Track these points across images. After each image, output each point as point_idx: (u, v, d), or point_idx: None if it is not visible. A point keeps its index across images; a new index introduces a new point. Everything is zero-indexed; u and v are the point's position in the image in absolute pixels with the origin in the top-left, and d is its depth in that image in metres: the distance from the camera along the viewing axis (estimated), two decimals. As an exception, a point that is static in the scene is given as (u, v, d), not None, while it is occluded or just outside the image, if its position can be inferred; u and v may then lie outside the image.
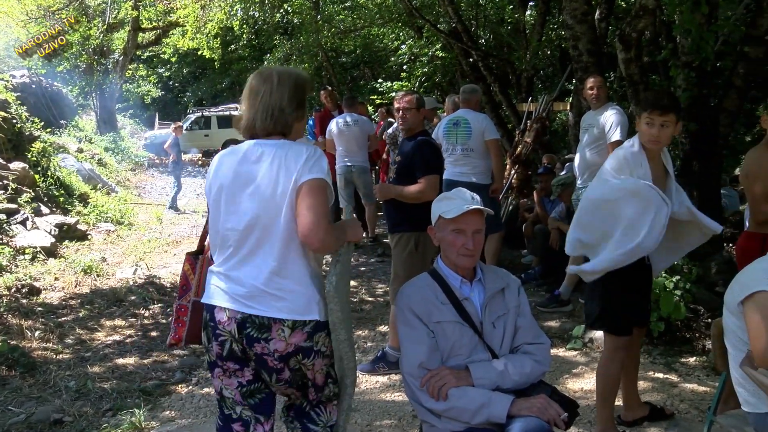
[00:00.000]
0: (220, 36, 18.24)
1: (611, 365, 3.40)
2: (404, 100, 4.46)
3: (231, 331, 2.30)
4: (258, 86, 2.41)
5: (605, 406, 3.44)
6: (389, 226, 4.59)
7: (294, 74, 2.47)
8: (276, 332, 2.27)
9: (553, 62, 15.91)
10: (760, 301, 2.48)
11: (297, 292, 2.31)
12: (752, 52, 5.64)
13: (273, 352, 2.29)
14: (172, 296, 6.80)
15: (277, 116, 2.37)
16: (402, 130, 4.59)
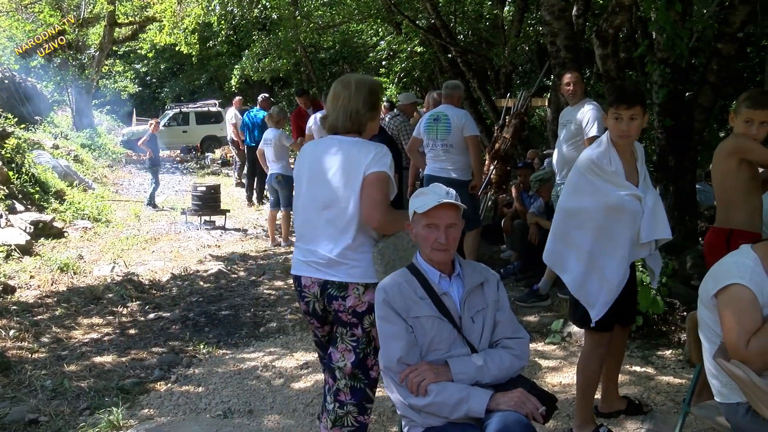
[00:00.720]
0: (197, 31, 18.09)
1: (591, 361, 3.43)
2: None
3: (314, 293, 2.93)
4: (339, 92, 2.95)
5: (584, 400, 3.46)
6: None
7: (368, 82, 3.02)
8: (351, 291, 2.85)
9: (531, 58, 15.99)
10: (733, 294, 2.51)
11: (366, 261, 2.87)
12: (725, 48, 5.71)
13: (348, 308, 2.85)
14: (150, 293, 6.75)
15: (354, 117, 2.92)
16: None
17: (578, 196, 3.30)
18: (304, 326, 5.65)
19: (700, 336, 2.77)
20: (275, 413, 4.04)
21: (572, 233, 3.31)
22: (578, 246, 3.28)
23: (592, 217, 3.23)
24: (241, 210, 11.77)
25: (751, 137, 3.40)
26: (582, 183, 3.29)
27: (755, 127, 3.39)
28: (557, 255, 3.40)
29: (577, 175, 3.33)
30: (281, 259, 8.11)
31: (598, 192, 3.22)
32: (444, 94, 6.43)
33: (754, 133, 3.39)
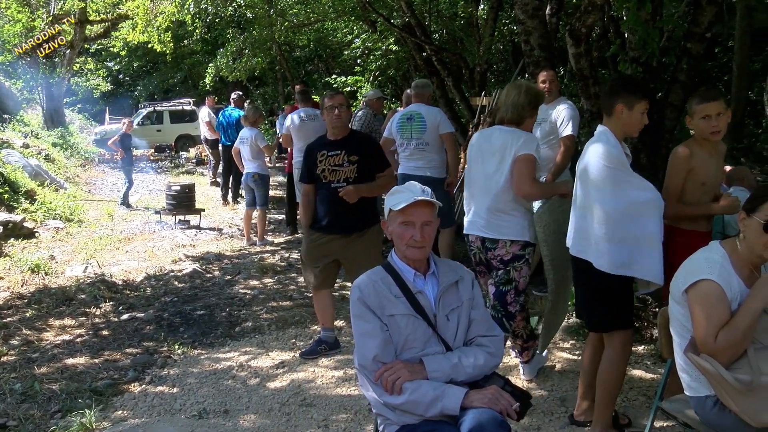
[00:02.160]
0: (171, 29, 17.91)
1: (620, 364, 3.37)
2: (337, 98, 4.62)
3: (478, 246, 4.01)
4: (510, 92, 3.88)
5: (607, 407, 3.39)
6: (360, 224, 4.63)
7: (534, 89, 3.96)
8: (501, 245, 3.87)
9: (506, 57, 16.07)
10: (703, 290, 2.55)
11: (514, 222, 3.84)
12: (694, 48, 5.78)
13: (497, 256, 3.89)
14: (124, 294, 6.68)
15: (518, 112, 3.83)
16: (338, 127, 4.59)
17: (625, 192, 3.23)
18: (280, 325, 5.63)
19: (671, 331, 2.80)
20: (251, 413, 4.02)
21: (632, 229, 3.21)
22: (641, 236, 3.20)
23: (654, 204, 3.23)
24: (216, 209, 11.68)
25: (712, 130, 3.45)
26: (619, 178, 3.24)
27: (714, 120, 3.45)
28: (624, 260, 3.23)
29: (609, 172, 3.24)
30: (256, 259, 8.07)
31: (637, 181, 3.25)
32: (414, 93, 6.44)
33: (714, 125, 3.45)
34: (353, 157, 4.57)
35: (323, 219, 4.69)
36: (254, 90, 30.09)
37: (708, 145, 3.54)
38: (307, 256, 4.82)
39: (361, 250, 4.67)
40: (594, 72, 6.35)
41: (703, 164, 3.52)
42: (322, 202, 4.68)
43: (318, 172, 4.61)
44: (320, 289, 4.87)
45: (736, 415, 2.45)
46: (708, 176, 3.54)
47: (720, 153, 3.63)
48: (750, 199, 2.63)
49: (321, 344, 4.91)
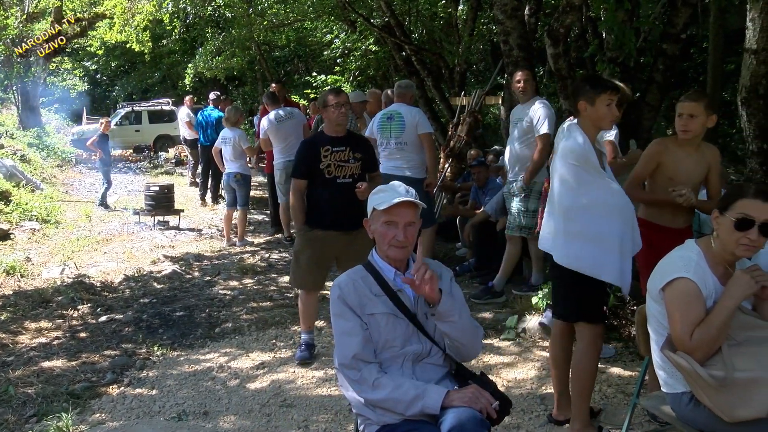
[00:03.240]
0: (149, 29, 17.76)
1: (592, 355, 3.39)
2: (343, 96, 4.65)
3: None
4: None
5: (582, 401, 3.40)
6: (361, 221, 4.62)
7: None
8: None
9: (485, 57, 16.15)
10: (679, 288, 2.58)
11: None
12: (670, 49, 5.86)
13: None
14: (102, 295, 6.62)
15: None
16: (342, 124, 4.64)
17: (586, 191, 3.28)
18: (260, 326, 5.61)
19: (648, 329, 2.83)
20: (231, 414, 4.00)
21: (591, 228, 3.26)
22: (598, 236, 3.24)
23: (615, 206, 3.27)
24: (195, 210, 11.61)
25: (680, 128, 3.56)
26: (582, 176, 3.29)
27: (684, 119, 3.54)
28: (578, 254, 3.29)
29: (573, 169, 3.30)
30: (236, 259, 8.03)
31: (601, 181, 3.28)
32: (396, 93, 6.45)
33: (683, 123, 3.55)
34: (357, 154, 4.62)
35: (326, 216, 4.59)
36: (233, 89, 29.92)
37: (687, 144, 3.60)
38: (307, 256, 4.67)
39: (362, 248, 4.63)
40: (572, 72, 6.40)
41: (675, 161, 3.59)
42: (325, 199, 4.58)
43: (322, 167, 4.53)
44: (313, 291, 4.82)
45: (711, 411, 2.49)
46: (677, 173, 3.61)
47: (704, 155, 3.68)
48: (722, 198, 2.68)
49: (311, 347, 4.83)
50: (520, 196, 5.65)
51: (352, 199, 4.52)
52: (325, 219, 4.59)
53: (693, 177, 3.67)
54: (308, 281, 4.76)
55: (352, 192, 4.52)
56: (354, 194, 4.51)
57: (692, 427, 2.66)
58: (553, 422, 3.68)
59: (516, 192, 5.69)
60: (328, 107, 4.56)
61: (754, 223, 2.51)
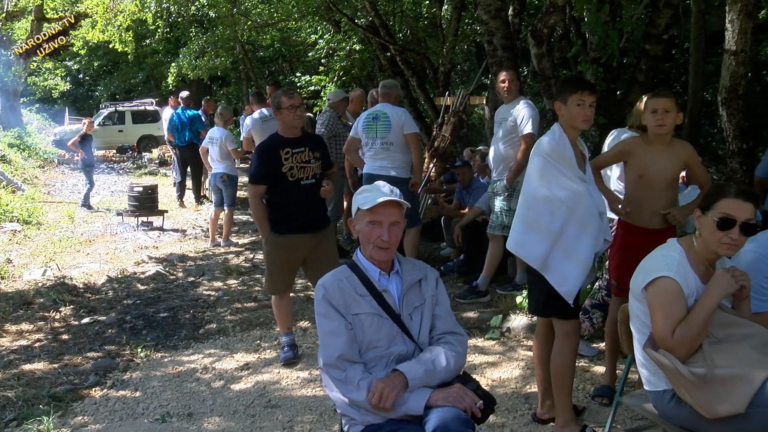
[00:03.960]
0: (132, 29, 17.63)
1: (566, 351, 3.40)
2: (297, 97, 4.59)
3: None
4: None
5: (563, 396, 3.42)
6: (326, 220, 4.69)
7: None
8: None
9: (469, 57, 16.21)
10: (661, 287, 2.61)
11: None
12: (652, 49, 5.91)
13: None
14: (85, 297, 6.56)
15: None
16: (298, 126, 4.61)
17: (547, 184, 3.34)
18: (245, 327, 5.59)
19: (631, 328, 2.85)
20: (215, 415, 3.98)
21: (543, 219, 3.32)
22: (548, 230, 3.30)
23: (567, 205, 3.29)
24: (179, 210, 11.54)
25: (657, 123, 3.58)
26: (548, 169, 3.34)
27: (660, 114, 3.57)
28: (524, 241, 3.42)
29: (541, 161, 3.37)
30: (221, 260, 8.00)
31: (564, 179, 3.31)
32: (381, 93, 6.43)
33: (659, 118, 3.57)
34: (316, 153, 4.57)
35: (294, 220, 4.51)
36: (218, 90, 29.81)
37: (659, 142, 3.63)
38: (280, 262, 4.63)
39: (328, 248, 4.66)
40: (556, 72, 6.45)
41: (644, 158, 3.63)
42: (291, 203, 4.51)
43: (284, 170, 4.46)
44: (286, 293, 4.82)
45: (692, 408, 2.51)
46: (646, 170, 3.64)
47: (677, 152, 3.71)
48: (704, 198, 2.71)
49: (294, 347, 4.81)
50: (503, 195, 5.66)
51: (317, 200, 4.52)
52: (294, 223, 4.51)
53: (664, 174, 3.68)
54: (280, 287, 4.74)
55: (317, 192, 4.51)
56: (318, 194, 4.51)
57: (674, 424, 2.68)
58: (538, 421, 3.69)
59: (499, 191, 5.71)
60: (283, 109, 4.48)
61: (735, 222, 2.54)
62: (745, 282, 2.57)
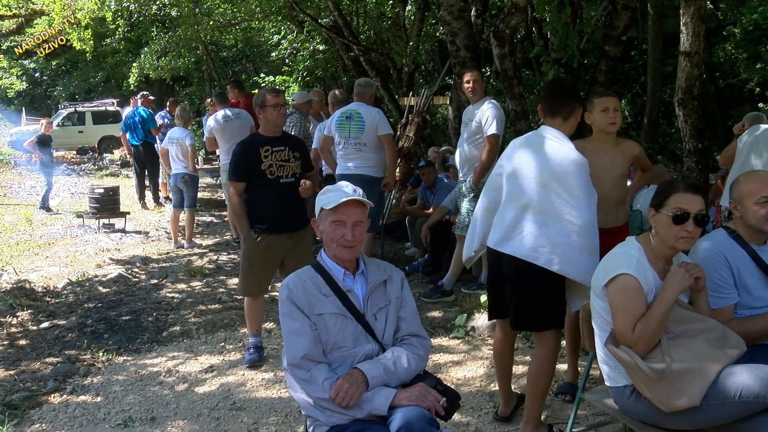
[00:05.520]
0: (91, 27, 17.29)
1: (555, 360, 3.40)
2: (282, 96, 4.59)
3: None
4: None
5: (539, 405, 3.38)
6: (305, 220, 4.61)
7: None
8: None
9: (433, 57, 16.27)
10: (621, 284, 2.66)
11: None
12: (611, 50, 6.01)
13: None
14: (44, 301, 6.43)
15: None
16: (281, 125, 4.62)
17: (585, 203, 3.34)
18: (209, 329, 5.53)
19: (593, 325, 2.90)
20: (179, 419, 3.94)
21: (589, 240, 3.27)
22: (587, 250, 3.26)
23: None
24: (142, 212, 11.38)
25: (609, 121, 3.68)
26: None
27: (611, 113, 3.68)
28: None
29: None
30: (184, 261, 7.91)
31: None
32: (356, 92, 6.36)
33: (611, 116, 3.68)
34: (296, 153, 4.57)
35: (272, 219, 4.49)
36: (180, 90, 29.44)
37: (606, 141, 3.72)
38: (258, 262, 4.58)
39: (306, 248, 4.65)
40: (518, 72, 6.52)
41: (592, 158, 3.69)
42: (270, 201, 4.48)
43: (264, 168, 4.44)
44: (260, 294, 4.78)
45: (650, 402, 2.56)
46: (595, 170, 3.69)
47: (623, 149, 3.80)
48: (655, 195, 2.75)
49: (260, 349, 4.79)
50: (469, 197, 5.70)
51: (296, 199, 4.50)
52: (272, 222, 4.49)
53: (612, 171, 3.76)
54: (256, 289, 4.71)
55: (296, 191, 4.49)
56: (297, 194, 4.49)
57: (633, 419, 2.74)
58: (500, 420, 3.73)
59: (465, 192, 5.75)
60: (267, 107, 4.46)
61: (689, 215, 2.60)
62: (699, 274, 2.64)
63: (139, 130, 11.07)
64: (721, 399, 2.45)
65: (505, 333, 3.60)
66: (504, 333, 3.61)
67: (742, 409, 2.43)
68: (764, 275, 2.81)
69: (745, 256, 2.83)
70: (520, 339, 4.78)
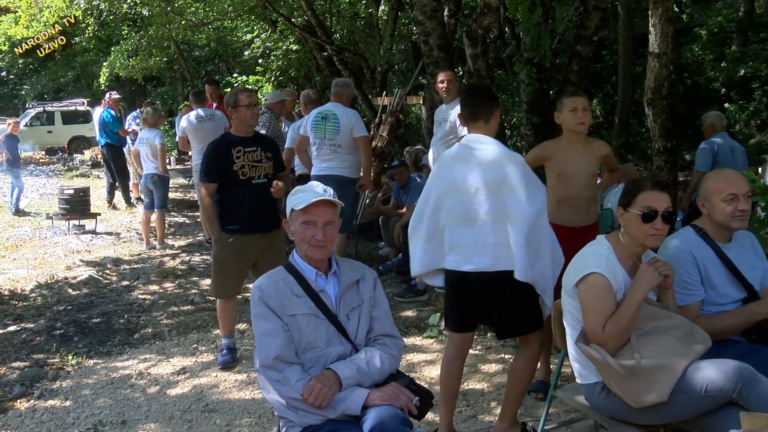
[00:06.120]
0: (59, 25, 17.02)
1: (531, 360, 3.37)
2: (254, 96, 4.57)
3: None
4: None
5: (517, 404, 3.39)
6: (278, 221, 4.58)
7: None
8: None
9: (406, 57, 16.30)
10: (591, 282, 2.68)
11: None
12: (583, 50, 6.07)
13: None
14: (11, 304, 6.31)
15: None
16: (253, 125, 4.59)
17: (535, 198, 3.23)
18: (181, 330, 5.48)
19: (564, 323, 2.92)
20: (151, 422, 3.89)
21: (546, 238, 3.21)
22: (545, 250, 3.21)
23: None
24: (112, 213, 11.23)
25: (578, 121, 3.73)
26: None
27: (580, 112, 3.72)
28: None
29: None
30: (156, 263, 7.82)
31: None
32: (333, 92, 6.30)
33: (580, 116, 3.72)
34: (269, 153, 4.55)
35: (245, 219, 4.46)
36: (152, 90, 29.13)
37: (575, 141, 3.76)
38: (230, 264, 4.55)
39: (279, 249, 4.62)
40: (491, 72, 6.56)
41: (562, 157, 3.76)
42: (241, 201, 4.44)
43: (236, 168, 4.41)
44: (233, 296, 4.75)
45: (620, 398, 2.59)
46: (565, 169, 3.78)
47: (592, 149, 3.84)
48: (623, 194, 2.78)
49: (233, 350, 4.76)
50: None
51: (269, 199, 4.48)
52: (245, 223, 4.46)
53: (582, 171, 3.81)
54: (229, 290, 4.68)
55: (268, 192, 4.46)
56: (270, 194, 4.47)
57: (604, 415, 2.77)
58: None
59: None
60: (240, 107, 4.44)
61: (657, 213, 2.63)
62: (667, 272, 2.67)
63: (105, 131, 10.95)
64: (687, 394, 2.49)
65: (460, 348, 3.46)
66: (458, 349, 3.46)
67: (708, 403, 2.47)
68: (729, 272, 2.86)
69: (711, 253, 2.87)
70: (491, 338, 4.81)
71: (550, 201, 3.77)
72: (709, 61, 14.31)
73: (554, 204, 3.80)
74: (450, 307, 3.45)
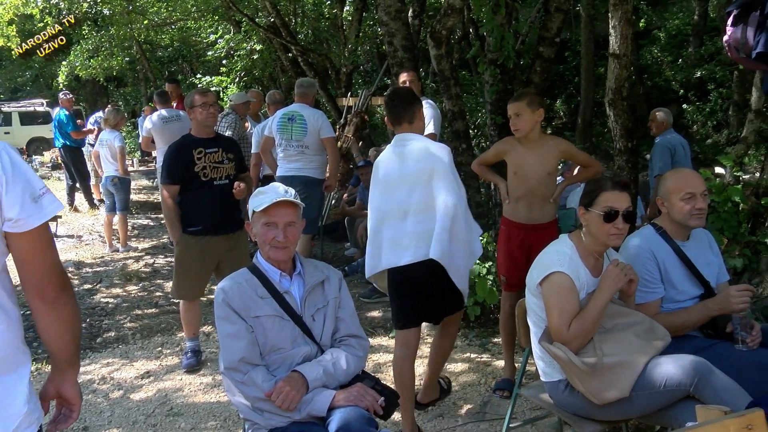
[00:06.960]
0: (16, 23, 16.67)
1: (453, 335, 3.69)
2: (211, 96, 4.55)
3: None
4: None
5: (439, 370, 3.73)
6: (240, 222, 4.60)
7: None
8: None
9: (371, 58, 16.32)
10: (554, 282, 2.71)
11: None
12: (546, 52, 6.14)
13: None
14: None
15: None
16: (211, 126, 4.58)
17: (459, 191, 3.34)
18: (145, 334, 5.41)
19: (528, 322, 2.96)
20: (114, 427, 3.84)
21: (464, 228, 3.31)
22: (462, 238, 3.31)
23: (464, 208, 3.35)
24: (74, 215, 11.03)
25: (512, 127, 3.84)
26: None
27: (513, 119, 3.82)
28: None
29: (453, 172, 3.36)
30: (119, 265, 7.70)
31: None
32: (298, 92, 6.25)
33: (513, 122, 3.83)
34: (230, 154, 4.53)
35: (207, 221, 4.42)
36: (114, 90, 28.67)
37: (527, 141, 3.86)
38: (192, 266, 4.51)
39: (242, 250, 4.59)
40: (455, 73, 6.58)
41: (516, 156, 3.88)
42: (204, 203, 4.41)
43: (197, 170, 4.37)
44: (196, 298, 4.70)
45: (583, 395, 2.63)
46: (520, 168, 3.88)
47: (549, 148, 3.90)
48: (584, 194, 2.82)
49: (197, 353, 4.72)
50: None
51: (231, 201, 4.47)
52: (206, 224, 4.43)
53: (538, 170, 3.87)
54: (191, 292, 4.63)
55: (230, 193, 4.45)
56: (232, 195, 4.45)
57: (568, 412, 2.81)
58: (420, 406, 3.75)
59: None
60: (195, 108, 4.41)
61: (618, 212, 2.68)
62: (633, 276, 2.72)
63: (59, 133, 10.75)
64: (648, 389, 2.54)
65: (407, 346, 3.47)
66: (405, 348, 3.47)
67: (667, 397, 2.52)
68: (687, 270, 2.92)
69: (670, 251, 2.93)
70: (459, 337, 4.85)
71: (511, 198, 3.88)
72: (668, 63, 14.60)
73: (513, 200, 3.89)
74: (395, 307, 3.51)
